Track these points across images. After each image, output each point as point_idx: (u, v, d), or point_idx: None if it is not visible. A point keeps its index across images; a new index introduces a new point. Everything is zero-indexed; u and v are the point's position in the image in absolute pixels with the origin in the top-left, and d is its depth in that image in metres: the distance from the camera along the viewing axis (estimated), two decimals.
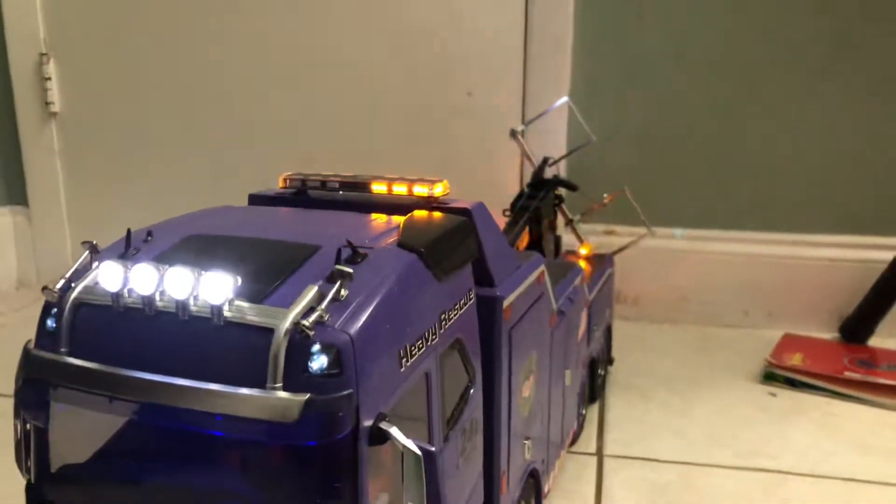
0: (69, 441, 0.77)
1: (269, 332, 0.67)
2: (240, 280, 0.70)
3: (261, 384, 0.66)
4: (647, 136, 2.34)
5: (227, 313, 0.69)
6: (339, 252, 0.75)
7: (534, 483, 1.26)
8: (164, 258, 0.78)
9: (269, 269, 0.74)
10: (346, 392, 0.67)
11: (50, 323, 0.76)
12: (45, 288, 0.76)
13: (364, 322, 0.70)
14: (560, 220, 2.03)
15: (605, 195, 2.02)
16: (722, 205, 2.33)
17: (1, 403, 1.04)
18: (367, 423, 0.68)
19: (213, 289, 0.69)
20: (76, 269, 0.78)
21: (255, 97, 2.54)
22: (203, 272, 0.69)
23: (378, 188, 1.02)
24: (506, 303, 1.02)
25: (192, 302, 0.70)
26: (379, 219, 0.92)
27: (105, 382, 0.71)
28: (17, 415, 0.80)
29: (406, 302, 0.76)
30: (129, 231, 0.82)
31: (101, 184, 2.70)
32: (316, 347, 0.67)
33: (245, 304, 0.69)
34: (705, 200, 2.34)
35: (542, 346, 1.22)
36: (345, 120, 2.46)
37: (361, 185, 1.03)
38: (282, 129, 2.53)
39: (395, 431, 0.69)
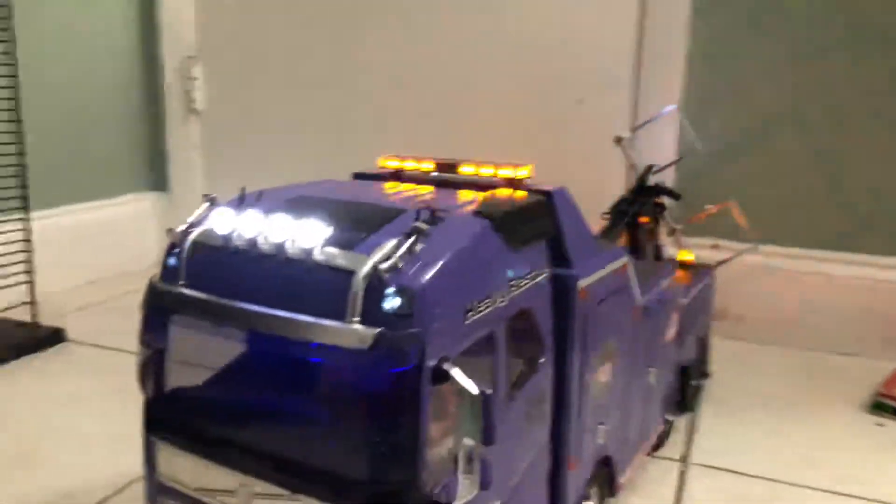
0: (181, 363, 0.89)
1: (351, 274, 0.75)
2: (331, 230, 0.80)
3: (343, 318, 0.75)
4: (760, 148, 2.30)
5: (317, 256, 0.78)
6: (418, 213, 0.83)
7: (607, 471, 1.29)
8: (270, 211, 0.88)
9: (359, 225, 0.83)
10: (413, 331, 0.74)
11: (171, 261, 0.88)
12: (169, 230, 0.89)
13: (435, 273, 0.77)
14: (663, 230, 2.03)
15: (708, 206, 2.01)
16: (839, 224, 2.25)
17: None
18: (432, 362, 0.76)
19: (307, 235, 0.78)
20: (196, 217, 0.90)
21: (383, 98, 2.68)
22: (300, 220, 0.79)
23: (466, 169, 1.10)
24: (581, 283, 1.07)
25: (289, 245, 0.80)
26: (464, 194, 1.00)
27: (214, 311, 0.82)
28: (141, 341, 0.93)
29: (475, 262, 0.83)
30: (243, 189, 0.93)
31: (235, 174, 2.93)
32: (390, 290, 0.75)
33: (333, 250, 0.79)
34: (821, 219, 2.27)
35: (622, 337, 1.25)
36: (460, 124, 2.56)
37: (452, 167, 1.11)
38: (405, 129, 2.65)
39: (455, 372, 0.76)
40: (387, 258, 0.75)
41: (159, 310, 0.87)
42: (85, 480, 1.45)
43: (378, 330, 0.73)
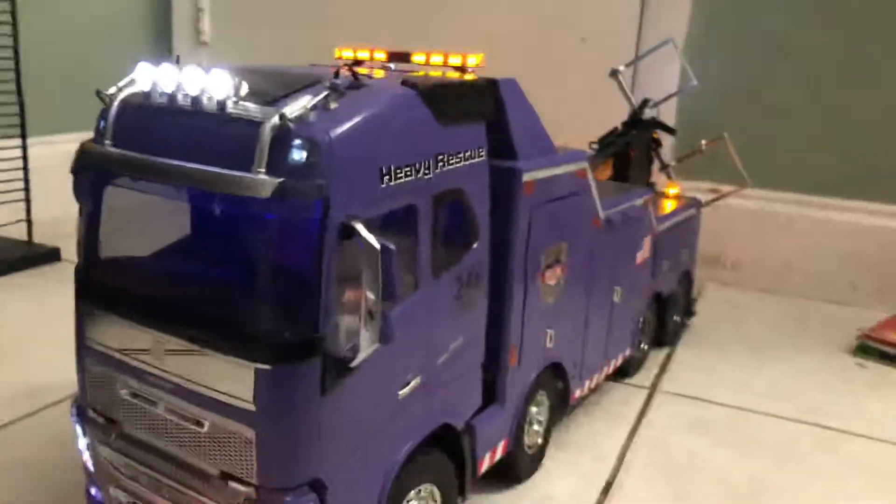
0: (105, 224, 0.90)
1: (260, 125, 0.75)
2: (250, 89, 0.79)
3: (250, 170, 0.75)
4: (761, 89, 2.24)
5: (230, 109, 0.78)
6: (337, 72, 0.82)
7: (558, 379, 1.29)
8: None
9: (280, 87, 0.82)
10: (318, 182, 0.74)
11: (101, 123, 0.88)
12: (98, 92, 0.89)
13: (345, 129, 0.76)
14: (656, 165, 2.00)
15: (703, 141, 1.97)
16: (837, 170, 2.19)
17: None
18: (338, 217, 0.75)
19: (220, 86, 0.78)
20: (127, 79, 0.89)
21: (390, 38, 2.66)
22: (210, 70, 0.78)
23: (418, 58, 1.08)
24: (527, 177, 1.05)
25: (204, 100, 0.80)
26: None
27: (132, 166, 0.83)
28: (79, 213, 0.94)
29: (394, 127, 0.82)
30: (177, 57, 0.93)
31: None
32: (297, 141, 0.74)
33: (247, 104, 0.78)
34: (820, 165, 2.21)
35: (577, 244, 1.23)
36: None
37: (405, 55, 1.10)
38: None
39: (359, 227, 0.75)
40: (294, 113, 0.75)
41: (85, 169, 0.88)
42: (61, 378, 1.49)
43: (280, 179, 0.73)
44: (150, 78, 0.83)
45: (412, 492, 0.96)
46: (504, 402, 1.13)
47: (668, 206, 1.76)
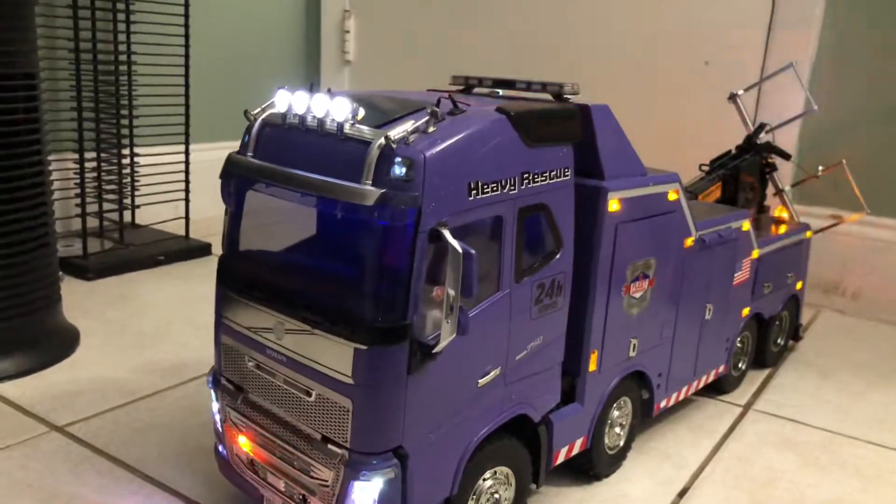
0: (243, 222, 1.08)
1: (369, 144, 0.90)
2: (362, 110, 0.94)
3: (359, 181, 0.89)
4: (887, 118, 2.19)
5: (347, 130, 0.93)
6: (438, 101, 0.95)
7: (643, 387, 1.36)
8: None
9: (391, 112, 0.97)
10: (413, 193, 0.87)
11: (245, 137, 1.06)
12: (245, 112, 1.07)
13: (439, 150, 0.89)
14: (770, 190, 2.01)
15: (820, 168, 1.96)
16: None
17: None
18: (429, 224, 0.88)
19: (340, 111, 0.93)
20: (269, 102, 1.07)
21: (518, 58, 2.79)
22: (334, 96, 0.94)
23: (520, 85, 1.20)
24: (612, 195, 1.15)
25: (328, 122, 0.95)
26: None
27: (270, 175, 0.99)
28: (225, 213, 1.12)
29: (484, 148, 0.94)
30: (311, 84, 1.09)
31: None
32: (398, 159, 0.88)
33: (361, 126, 0.93)
34: None
35: (665, 259, 1.30)
36: (584, 82, 2.61)
37: (509, 83, 1.22)
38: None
39: (446, 232, 0.88)
40: (397, 136, 0.89)
41: (229, 175, 1.06)
42: (198, 357, 1.72)
43: (382, 190, 0.87)
44: (286, 102, 1.00)
45: (488, 471, 1.07)
46: (583, 403, 1.22)
47: (776, 229, 1.78)
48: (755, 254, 1.60)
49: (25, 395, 1.52)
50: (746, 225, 1.54)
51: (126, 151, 2.43)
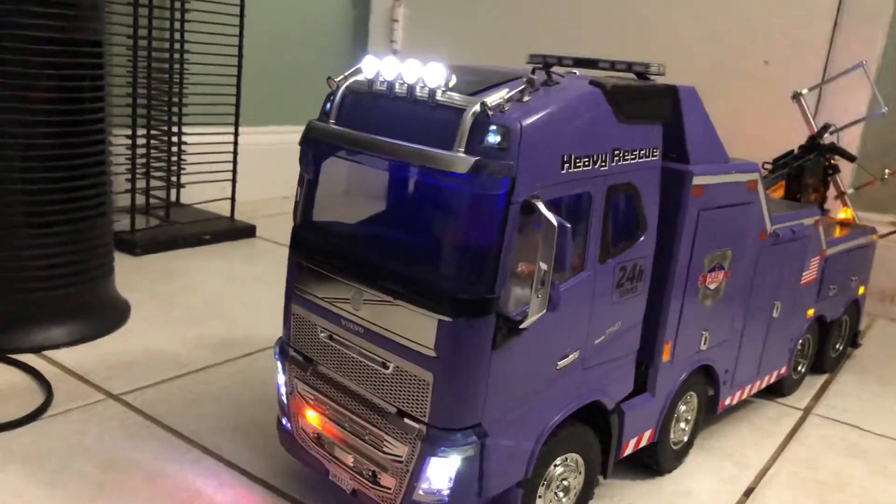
0: (322, 190, 1.06)
1: (463, 112, 0.87)
2: (458, 81, 0.92)
3: (451, 149, 0.87)
4: None
5: (439, 97, 0.91)
6: (533, 70, 0.93)
7: (709, 383, 1.32)
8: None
9: (484, 81, 0.94)
10: (508, 162, 0.85)
11: (327, 105, 1.04)
12: (328, 78, 1.05)
13: (535, 119, 0.87)
14: (832, 192, 1.97)
15: (886, 171, 1.91)
16: None
17: None
18: (522, 195, 0.86)
19: (433, 77, 0.91)
20: (352, 69, 1.05)
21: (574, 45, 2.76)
22: (427, 63, 0.91)
23: (603, 64, 1.17)
24: (697, 180, 1.12)
25: (418, 89, 0.93)
26: None
27: (351, 141, 0.98)
28: (299, 179, 1.11)
29: (578, 120, 0.92)
30: (396, 51, 1.07)
31: None
32: (493, 127, 0.86)
33: (453, 94, 0.91)
34: None
35: (741, 251, 1.27)
36: None
37: (591, 62, 1.19)
38: None
39: (540, 205, 0.86)
40: (494, 102, 0.86)
41: (311, 142, 1.04)
42: (247, 334, 1.72)
43: (476, 158, 0.85)
44: (374, 68, 0.98)
45: (559, 458, 1.05)
46: (654, 394, 1.19)
47: (841, 231, 1.73)
48: (824, 253, 1.56)
49: (80, 362, 1.52)
50: (817, 223, 1.50)
51: (175, 130, 2.43)
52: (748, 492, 1.27)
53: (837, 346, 1.81)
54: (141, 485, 1.15)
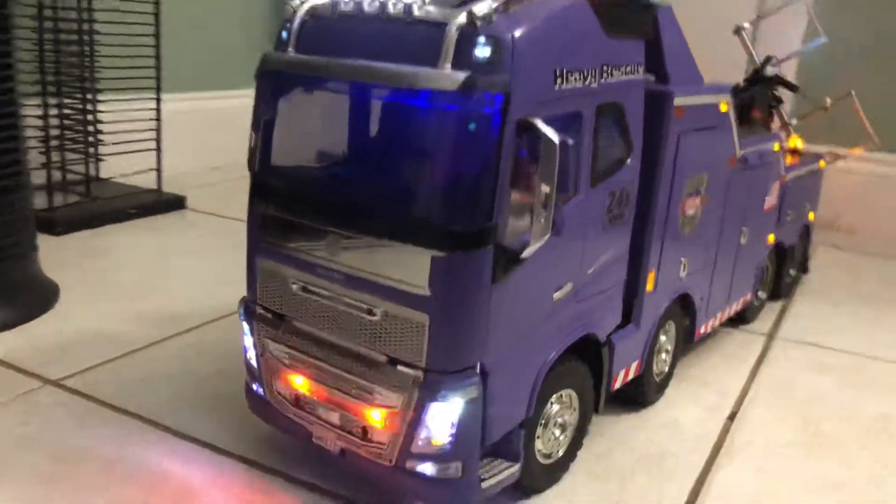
0: (284, 127, 0.96)
1: (446, 26, 0.80)
2: None
3: (436, 66, 0.79)
4: (886, 48, 2.18)
5: (416, 13, 0.83)
6: None
7: (685, 313, 1.30)
8: None
9: None
10: (500, 77, 0.78)
11: (283, 34, 0.94)
12: (285, 4, 0.95)
13: (527, 29, 0.80)
14: (777, 123, 1.97)
15: (828, 99, 1.93)
16: None
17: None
18: (518, 113, 0.79)
19: None
20: None
21: None
22: None
23: None
24: (678, 101, 1.08)
25: (390, 5, 0.85)
26: None
27: (318, 68, 0.88)
28: (253, 125, 1.00)
29: (568, 32, 0.86)
30: None
31: None
32: (482, 39, 0.79)
33: (431, 8, 0.83)
34: None
35: (715, 176, 1.24)
36: None
37: None
38: None
39: (538, 121, 0.79)
40: (481, 12, 0.79)
41: (269, 76, 0.94)
42: (190, 308, 1.60)
43: (467, 73, 0.77)
44: None
45: (555, 395, 1.00)
46: (639, 324, 1.16)
47: (793, 159, 1.74)
48: (783, 180, 1.56)
49: (11, 349, 1.37)
50: (778, 148, 1.50)
51: (90, 98, 2.24)
52: (732, 416, 1.27)
53: (791, 271, 1.83)
54: (97, 473, 1.04)
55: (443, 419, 0.86)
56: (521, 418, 0.93)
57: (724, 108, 1.22)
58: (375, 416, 0.90)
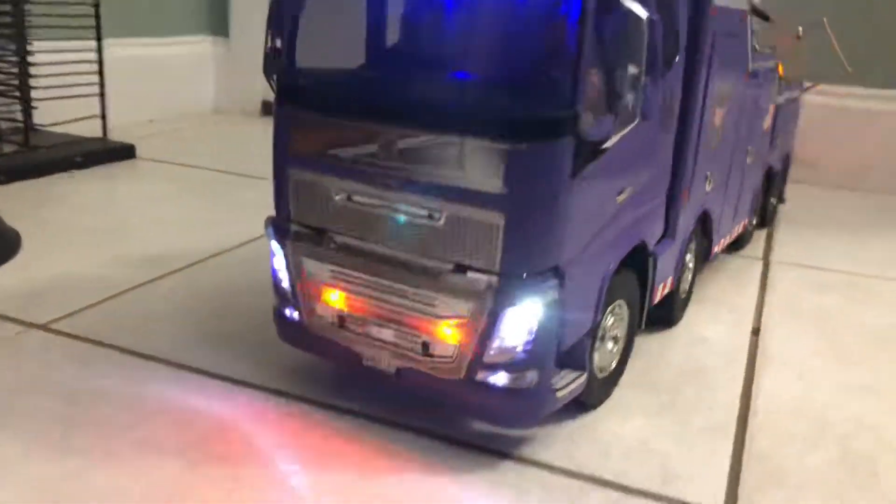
0: (328, 23, 0.88)
1: None
2: None
3: None
4: None
5: None
6: None
7: (704, 232, 1.29)
8: None
9: None
10: None
11: None
12: None
13: None
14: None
15: (799, 28, 1.95)
16: None
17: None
18: None
19: None
20: None
21: None
22: None
23: None
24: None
25: None
26: None
27: None
28: (273, 24, 0.91)
29: None
30: None
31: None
32: None
33: None
34: None
35: (735, 88, 1.23)
36: None
37: None
38: None
39: None
40: None
41: None
42: (171, 250, 1.50)
43: None
44: None
45: (611, 305, 0.97)
46: (674, 238, 1.13)
47: None
48: (778, 100, 1.57)
49: None
50: (780, 67, 1.50)
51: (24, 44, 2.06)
52: (755, 331, 1.27)
53: (772, 199, 1.85)
54: (118, 413, 0.95)
55: (519, 326, 0.81)
56: (589, 325, 0.89)
57: (743, 16, 1.20)
58: (439, 329, 0.84)
